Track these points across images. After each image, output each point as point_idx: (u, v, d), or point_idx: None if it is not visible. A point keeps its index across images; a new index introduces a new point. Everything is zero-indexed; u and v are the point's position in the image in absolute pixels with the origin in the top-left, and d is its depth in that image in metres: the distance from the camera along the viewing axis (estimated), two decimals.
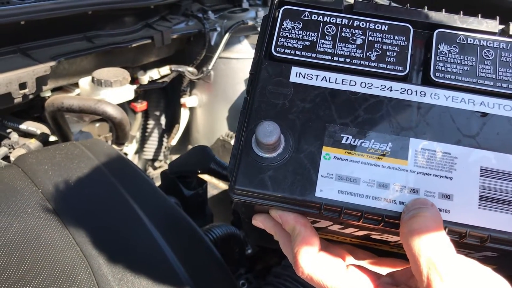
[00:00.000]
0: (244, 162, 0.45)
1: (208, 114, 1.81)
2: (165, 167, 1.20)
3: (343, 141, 0.46)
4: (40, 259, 0.70)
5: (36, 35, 1.25)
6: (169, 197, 0.97)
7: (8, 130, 1.25)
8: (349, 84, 0.48)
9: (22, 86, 1.15)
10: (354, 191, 0.44)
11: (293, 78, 0.49)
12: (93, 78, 1.34)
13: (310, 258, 0.44)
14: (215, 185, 1.53)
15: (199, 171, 1.10)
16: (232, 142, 1.61)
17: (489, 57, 0.48)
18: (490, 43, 0.49)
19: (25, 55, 1.21)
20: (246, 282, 1.02)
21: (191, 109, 1.83)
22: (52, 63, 1.20)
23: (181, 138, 1.85)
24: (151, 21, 1.55)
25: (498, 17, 0.50)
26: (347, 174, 0.45)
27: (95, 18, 1.36)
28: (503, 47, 0.49)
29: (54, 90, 1.38)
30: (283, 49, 0.49)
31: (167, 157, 1.88)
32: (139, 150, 1.86)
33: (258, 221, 0.51)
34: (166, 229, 0.82)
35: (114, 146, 1.31)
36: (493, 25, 0.50)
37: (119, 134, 1.28)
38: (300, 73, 0.49)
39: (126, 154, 1.61)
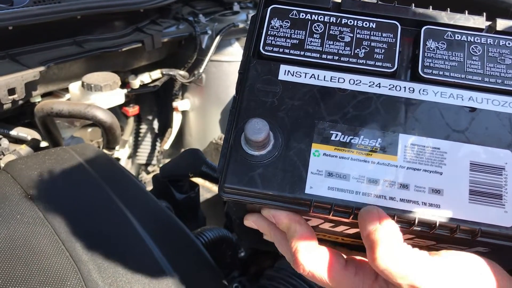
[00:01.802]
0: (234, 160, 0.45)
1: (200, 118, 1.81)
2: (158, 171, 1.20)
3: (333, 138, 0.46)
4: (29, 265, 0.70)
5: (25, 40, 1.24)
6: (160, 201, 0.96)
7: None
8: (338, 81, 0.48)
9: (11, 91, 1.14)
10: (344, 188, 0.44)
11: (281, 76, 0.49)
12: (83, 82, 1.33)
13: (310, 255, 0.44)
14: (208, 189, 1.52)
15: (191, 175, 1.09)
16: None
17: (476, 53, 0.49)
18: (477, 39, 0.49)
19: (13, 61, 1.20)
20: (240, 285, 1.01)
21: (184, 113, 1.83)
22: (42, 68, 1.20)
23: (174, 142, 1.85)
24: (141, 25, 1.54)
25: (485, 14, 0.51)
26: (337, 170, 0.45)
27: (85, 23, 1.36)
28: (490, 42, 0.49)
29: (44, 95, 1.37)
30: (272, 48, 0.49)
31: (160, 161, 1.87)
32: (132, 155, 1.86)
33: (251, 221, 0.50)
34: (156, 233, 0.81)
35: (105, 151, 1.30)
36: (480, 21, 0.50)
37: (110, 138, 1.27)
38: (288, 71, 0.49)
39: (118, 159, 1.60)
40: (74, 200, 0.85)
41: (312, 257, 0.44)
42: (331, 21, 0.50)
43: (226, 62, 1.70)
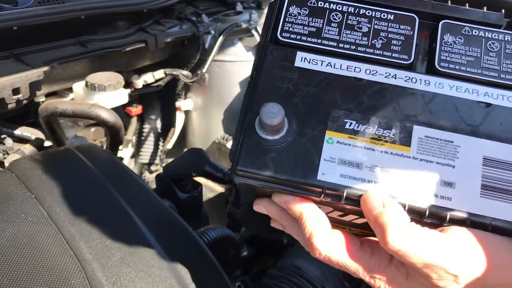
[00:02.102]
0: (247, 143, 0.45)
1: (203, 117, 1.81)
2: (161, 170, 1.21)
3: (347, 126, 0.46)
4: (34, 264, 0.70)
5: (29, 40, 1.24)
6: (163, 200, 0.96)
7: (2, 136, 1.24)
8: (354, 71, 0.48)
9: (16, 91, 1.14)
10: (356, 176, 0.44)
11: (298, 63, 0.49)
12: (86, 82, 1.33)
13: (325, 239, 0.44)
14: (211, 188, 1.52)
15: (194, 174, 1.09)
16: (228, 145, 1.61)
17: (494, 49, 0.49)
18: (495, 35, 0.49)
19: (18, 60, 1.20)
20: (242, 284, 1.02)
21: (186, 113, 1.83)
22: (46, 68, 1.19)
23: (177, 141, 1.84)
24: (145, 25, 1.54)
25: (503, 10, 0.51)
26: (350, 158, 0.45)
27: (88, 23, 1.36)
28: (508, 39, 0.49)
29: (48, 95, 1.37)
30: (289, 34, 0.50)
31: (163, 161, 1.87)
32: (135, 154, 1.85)
33: (261, 206, 0.50)
34: (159, 231, 0.81)
35: (109, 150, 1.30)
36: (499, 18, 0.50)
37: (113, 138, 1.27)
38: (305, 58, 0.49)
39: (122, 158, 1.60)
40: (78, 199, 0.85)
41: (327, 241, 0.44)
42: (349, 11, 0.50)
43: (229, 62, 1.69)
